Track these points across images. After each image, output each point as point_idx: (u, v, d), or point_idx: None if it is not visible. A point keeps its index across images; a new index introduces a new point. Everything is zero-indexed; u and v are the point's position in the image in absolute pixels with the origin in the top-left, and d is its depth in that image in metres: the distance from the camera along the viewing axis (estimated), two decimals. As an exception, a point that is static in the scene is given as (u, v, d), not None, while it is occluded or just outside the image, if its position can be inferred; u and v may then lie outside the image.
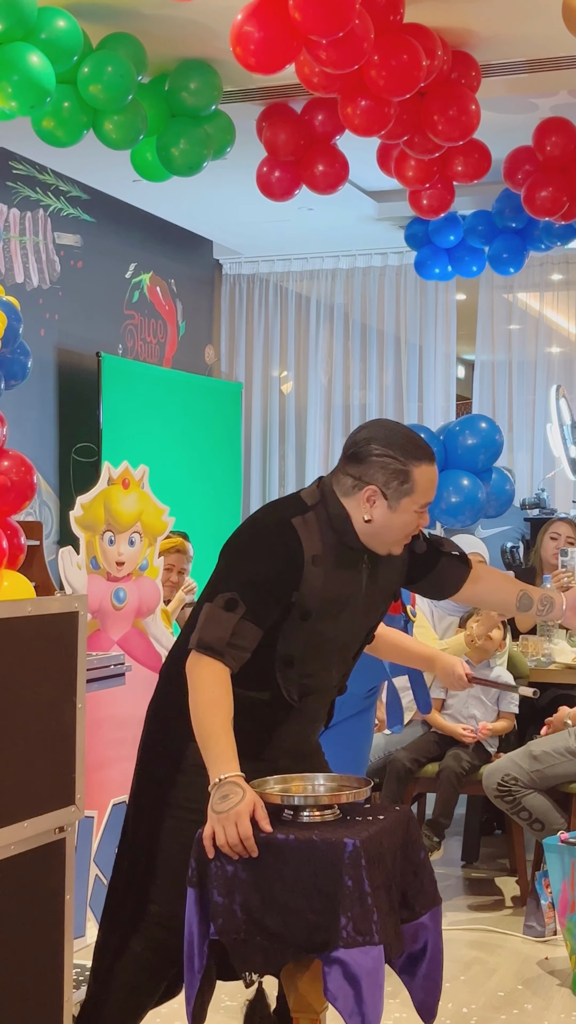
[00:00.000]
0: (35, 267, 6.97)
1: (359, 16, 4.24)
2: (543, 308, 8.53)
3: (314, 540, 2.79)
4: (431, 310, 8.66)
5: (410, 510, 2.80)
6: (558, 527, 5.85)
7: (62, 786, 2.36)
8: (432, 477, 2.83)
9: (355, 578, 2.87)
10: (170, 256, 8.37)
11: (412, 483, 2.78)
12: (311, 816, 2.76)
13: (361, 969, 2.58)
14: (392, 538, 2.83)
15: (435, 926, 2.88)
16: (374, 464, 2.78)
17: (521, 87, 5.68)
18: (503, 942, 4.43)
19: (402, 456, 2.78)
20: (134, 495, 4.58)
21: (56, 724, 2.34)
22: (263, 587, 2.75)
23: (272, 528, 2.80)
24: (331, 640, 2.88)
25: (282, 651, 2.82)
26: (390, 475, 2.77)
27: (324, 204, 7.00)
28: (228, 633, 2.72)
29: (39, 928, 2.33)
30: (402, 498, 2.78)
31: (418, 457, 2.80)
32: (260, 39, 4.27)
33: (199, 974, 2.74)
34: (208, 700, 2.70)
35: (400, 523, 2.81)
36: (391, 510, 2.79)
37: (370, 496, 2.79)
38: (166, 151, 5.31)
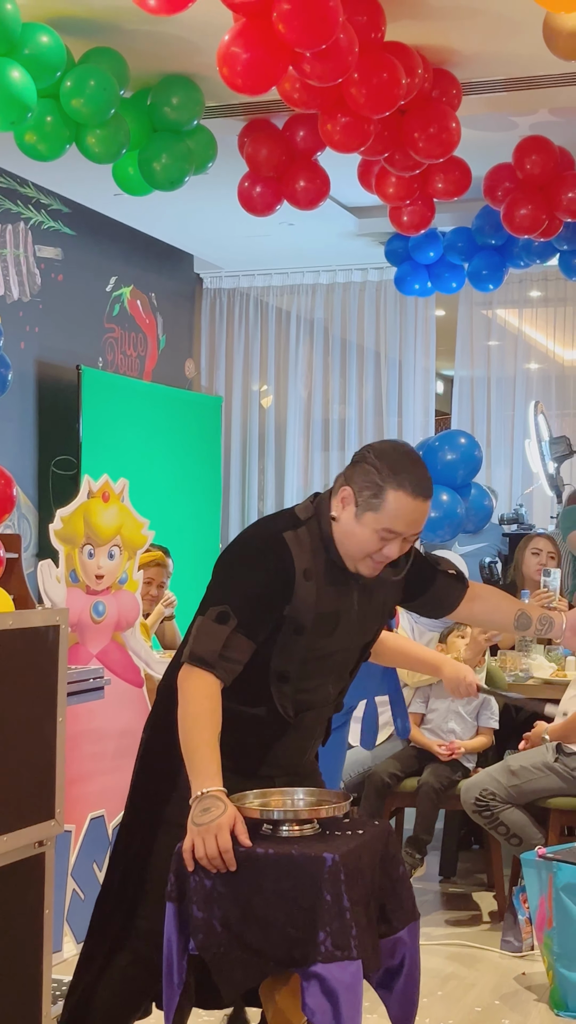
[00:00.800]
0: (15, 280, 6.97)
1: (343, 29, 4.26)
2: (522, 325, 8.57)
3: (305, 555, 2.79)
4: (411, 326, 8.69)
5: (371, 528, 2.76)
6: (538, 543, 5.87)
7: (42, 800, 2.35)
8: (408, 509, 2.77)
9: (347, 594, 2.87)
10: (151, 270, 8.38)
11: (382, 501, 2.75)
12: (290, 831, 2.76)
13: (339, 984, 2.58)
14: (353, 550, 2.80)
15: (413, 941, 2.89)
16: (361, 469, 2.79)
17: (501, 105, 5.71)
18: (481, 957, 4.43)
19: (386, 473, 2.77)
20: (114, 508, 4.58)
21: (36, 737, 2.34)
22: (255, 600, 2.75)
23: (264, 542, 2.80)
24: (327, 656, 2.88)
25: (276, 666, 2.82)
26: (366, 484, 2.77)
27: (305, 219, 7.03)
28: (220, 645, 2.72)
29: (18, 942, 2.32)
30: (367, 511, 2.76)
31: (401, 484, 2.76)
32: (247, 60, 4.27)
33: (178, 988, 2.74)
34: (196, 713, 2.70)
35: (360, 536, 2.78)
36: (355, 519, 2.77)
37: (344, 496, 2.80)
38: (148, 165, 5.32)
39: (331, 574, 2.83)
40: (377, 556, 2.80)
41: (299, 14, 4.10)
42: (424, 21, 4.80)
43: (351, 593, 2.88)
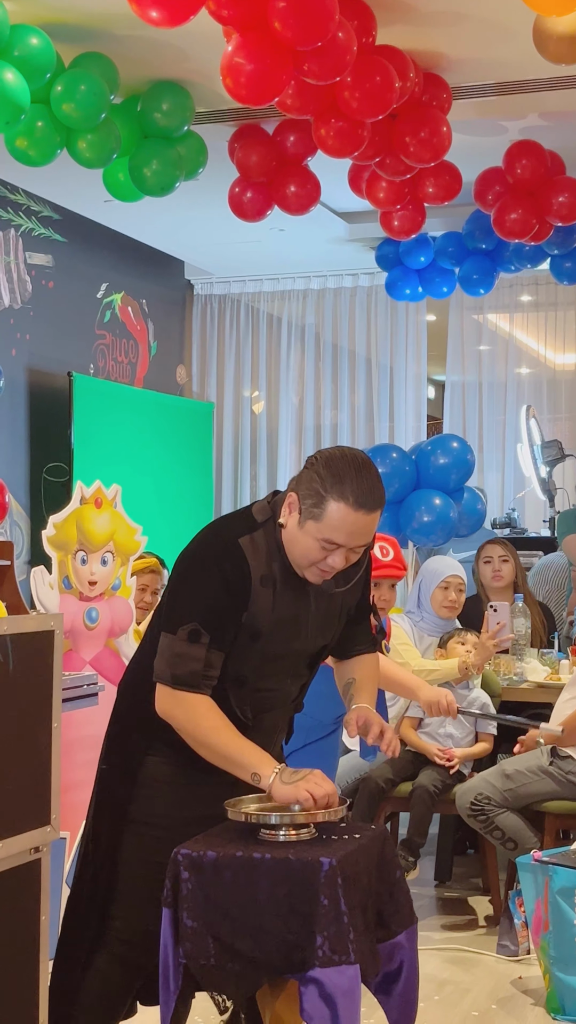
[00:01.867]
0: (6, 287, 6.96)
1: (340, 27, 4.26)
2: (513, 329, 8.58)
3: (261, 561, 2.76)
4: (402, 331, 8.70)
5: (313, 537, 2.71)
6: (488, 550, 5.82)
7: (38, 806, 2.35)
8: (349, 521, 2.69)
9: (304, 597, 2.84)
10: (142, 276, 8.38)
11: (323, 511, 2.69)
12: (287, 835, 2.75)
13: (337, 989, 2.57)
14: (297, 557, 2.76)
15: (411, 945, 2.88)
16: (306, 475, 2.75)
17: (491, 110, 5.72)
18: (477, 961, 4.43)
19: (329, 482, 2.70)
20: (107, 515, 4.57)
21: (32, 744, 2.33)
22: (220, 612, 2.74)
23: (220, 550, 2.77)
24: (282, 658, 2.86)
25: (232, 671, 2.80)
26: (309, 492, 2.72)
27: (295, 225, 7.03)
28: (202, 666, 2.72)
29: (15, 948, 2.32)
30: (309, 520, 2.71)
31: (343, 495, 2.68)
32: (251, 71, 4.26)
33: (174, 995, 2.73)
34: (212, 726, 2.72)
35: (303, 544, 2.73)
36: (299, 526, 2.73)
37: (290, 502, 2.76)
38: (138, 171, 5.32)
39: (288, 578, 2.80)
40: (322, 565, 2.75)
41: (295, 12, 4.10)
42: (415, 26, 4.81)
43: (308, 596, 2.85)
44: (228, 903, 2.67)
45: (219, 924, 2.67)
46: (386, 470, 5.81)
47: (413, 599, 5.33)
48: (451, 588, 5.20)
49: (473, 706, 5.07)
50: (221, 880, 2.67)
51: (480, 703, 5.08)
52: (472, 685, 5.11)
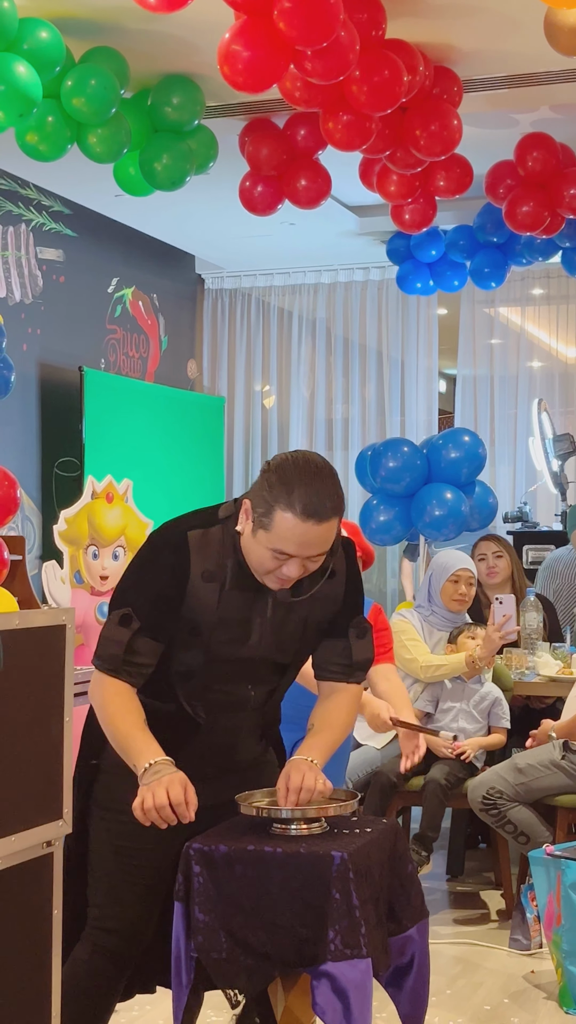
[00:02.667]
0: (17, 282, 6.97)
1: (344, 27, 4.25)
2: (524, 323, 8.56)
3: (209, 555, 2.73)
4: (413, 325, 8.68)
5: (264, 546, 2.65)
6: (482, 547, 5.80)
7: (49, 800, 2.35)
8: (296, 532, 2.61)
9: (260, 600, 2.78)
10: (152, 271, 8.38)
11: (271, 521, 2.63)
12: (298, 829, 2.76)
13: (349, 982, 2.58)
14: (254, 565, 2.71)
15: (422, 939, 2.88)
16: (259, 483, 2.70)
17: (502, 102, 5.71)
18: (489, 956, 4.43)
19: (277, 491, 2.63)
20: (118, 509, 4.58)
21: (44, 738, 2.33)
22: (156, 600, 2.72)
23: (165, 541, 2.77)
24: (236, 660, 2.80)
25: (177, 664, 2.78)
26: (259, 500, 2.67)
27: (306, 219, 7.02)
28: (122, 650, 2.71)
29: (27, 942, 2.32)
30: (259, 529, 2.66)
31: (290, 504, 2.61)
32: (248, 58, 4.27)
33: (186, 989, 2.74)
34: (115, 711, 2.71)
35: (256, 553, 2.68)
36: (252, 535, 2.68)
37: (245, 509, 2.72)
38: (149, 166, 5.31)
39: (240, 578, 2.75)
40: (278, 574, 2.69)
41: (300, 12, 4.10)
42: (425, 19, 4.79)
43: (265, 600, 2.78)
44: (240, 897, 2.67)
45: (231, 918, 2.68)
46: (397, 464, 5.80)
47: (423, 593, 5.33)
48: (461, 581, 5.19)
49: (485, 700, 5.06)
50: (233, 874, 2.68)
51: (493, 697, 5.08)
52: (483, 680, 5.11)
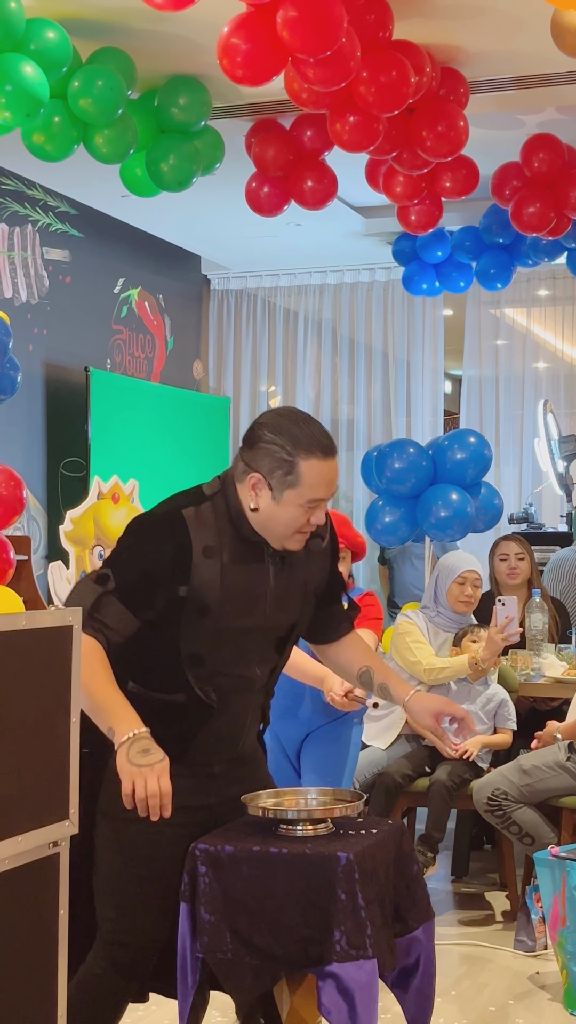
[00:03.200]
0: (23, 282, 6.97)
1: (346, 35, 4.26)
2: (530, 324, 8.57)
3: (207, 532, 2.70)
4: (419, 325, 8.69)
5: (295, 503, 2.67)
6: (504, 547, 5.80)
7: (56, 800, 2.35)
8: (324, 472, 2.68)
9: (261, 571, 2.77)
10: (158, 271, 8.38)
11: (297, 475, 2.65)
12: (304, 830, 2.76)
13: (355, 983, 2.58)
14: (280, 532, 2.71)
15: (428, 940, 2.88)
16: (262, 451, 2.69)
17: (509, 103, 5.71)
18: (494, 957, 4.42)
19: (290, 446, 2.66)
20: (124, 510, 4.59)
21: (50, 738, 2.33)
22: (140, 573, 2.67)
23: (161, 519, 2.71)
24: (242, 635, 2.78)
25: (187, 649, 2.73)
26: (275, 464, 2.67)
27: (312, 220, 7.03)
28: (89, 604, 2.65)
29: (33, 942, 2.32)
30: (286, 490, 2.66)
31: (308, 449, 2.66)
32: (247, 51, 4.28)
33: (192, 990, 2.74)
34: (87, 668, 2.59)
35: (286, 517, 2.68)
36: (275, 501, 2.67)
37: (255, 484, 2.69)
38: (155, 166, 5.32)
39: (240, 551, 2.73)
40: (305, 528, 2.71)
41: (303, 21, 4.10)
42: (432, 20, 4.80)
43: (266, 571, 2.78)
44: (246, 897, 2.68)
45: (237, 918, 2.68)
46: (403, 465, 5.80)
47: (429, 594, 5.33)
48: (467, 583, 5.19)
49: (491, 702, 5.06)
50: (239, 874, 2.68)
51: (499, 699, 5.07)
52: (490, 681, 5.11)
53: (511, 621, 4.91)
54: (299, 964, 2.67)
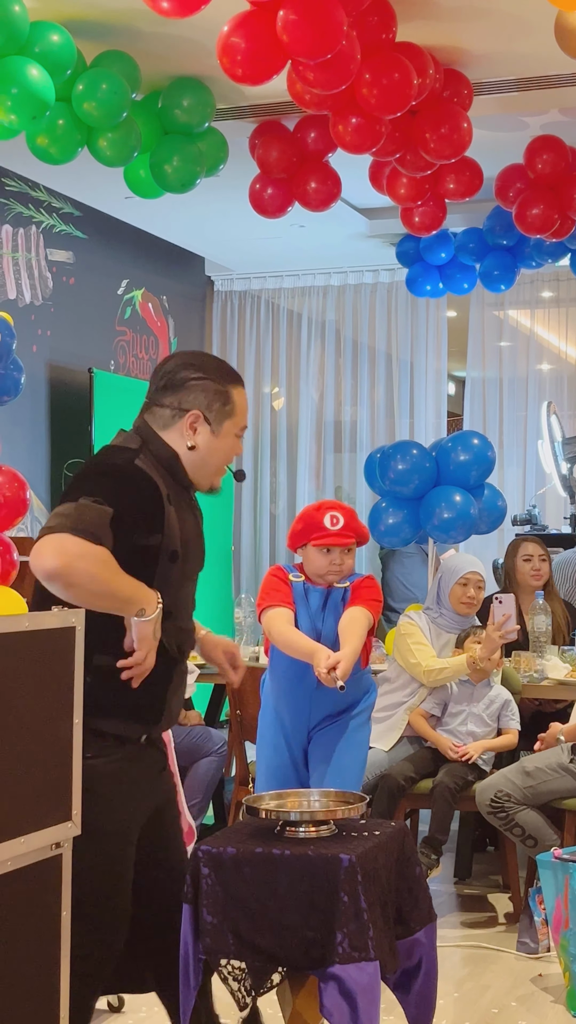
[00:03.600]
0: (27, 283, 6.98)
1: (346, 37, 4.25)
2: (534, 325, 8.56)
3: (159, 480, 2.75)
4: (422, 327, 8.69)
5: (231, 434, 2.81)
6: (529, 548, 5.79)
7: (59, 802, 2.35)
8: (246, 400, 2.86)
9: (194, 517, 2.87)
10: (162, 273, 8.39)
11: (233, 405, 2.80)
12: (306, 831, 2.76)
13: (357, 985, 2.58)
14: (216, 466, 2.82)
15: (430, 942, 2.89)
16: (193, 389, 2.77)
17: (512, 105, 5.71)
18: (496, 959, 4.42)
19: (220, 378, 2.79)
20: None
21: (53, 739, 2.34)
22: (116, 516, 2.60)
23: (131, 469, 2.69)
24: (190, 582, 2.87)
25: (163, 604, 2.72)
26: (212, 397, 2.78)
27: (316, 221, 7.03)
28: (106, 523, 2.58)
29: (35, 944, 2.33)
30: (224, 420, 2.79)
31: (234, 379, 2.82)
32: (246, 50, 4.28)
33: (194, 991, 2.74)
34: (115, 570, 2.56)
35: (224, 448, 2.81)
36: (214, 435, 2.79)
37: (193, 422, 2.77)
38: (159, 168, 5.32)
39: (179, 497, 2.80)
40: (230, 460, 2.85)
41: (303, 25, 4.10)
42: (435, 21, 4.80)
43: (196, 515, 2.88)
44: (248, 899, 2.68)
45: (239, 920, 2.68)
46: (406, 467, 5.80)
47: (432, 595, 5.33)
48: (470, 584, 5.19)
49: (494, 703, 5.06)
50: (241, 876, 2.68)
51: (502, 700, 5.07)
52: (492, 683, 5.11)
53: (508, 619, 4.91)
54: (301, 966, 2.67)
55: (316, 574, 4.19)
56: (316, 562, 4.18)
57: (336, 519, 4.19)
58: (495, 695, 5.07)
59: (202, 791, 5.47)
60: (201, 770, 5.48)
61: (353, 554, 4.24)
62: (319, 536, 4.15)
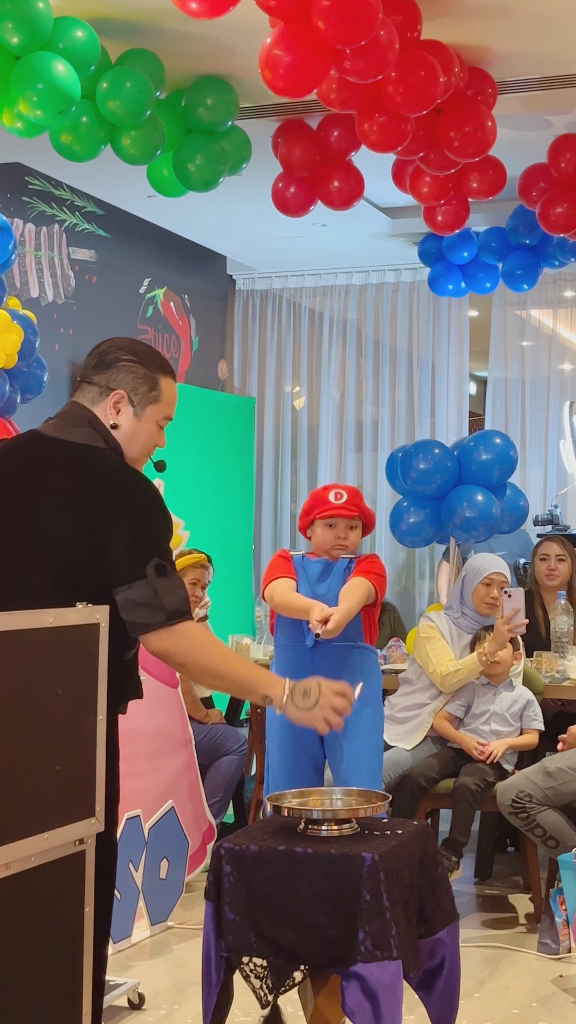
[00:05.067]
0: (50, 282, 6.99)
1: (383, 25, 4.24)
2: (556, 325, 8.54)
3: None
4: (444, 326, 8.67)
5: (153, 419, 2.81)
6: (546, 547, 5.81)
7: (82, 798, 2.35)
8: (174, 393, 2.86)
9: None
10: (184, 272, 8.40)
11: (159, 391, 2.80)
12: (329, 830, 2.76)
13: (379, 984, 2.58)
14: (138, 450, 2.82)
15: (453, 942, 2.88)
16: (122, 370, 2.80)
17: (536, 104, 5.69)
18: (517, 959, 4.41)
19: (149, 364, 2.81)
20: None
21: (77, 736, 2.34)
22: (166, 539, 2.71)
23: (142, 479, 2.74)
24: None
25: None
26: (139, 380, 2.80)
27: (338, 220, 7.02)
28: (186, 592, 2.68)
29: (59, 939, 2.33)
30: (148, 405, 2.80)
31: (164, 369, 2.83)
32: (289, 63, 4.26)
33: (216, 989, 2.74)
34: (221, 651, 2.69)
35: (145, 432, 2.81)
36: (137, 418, 2.79)
37: (116, 401, 2.79)
38: (182, 167, 5.32)
39: None
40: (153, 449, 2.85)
41: (338, 10, 4.09)
42: (460, 20, 4.79)
43: None
44: (270, 897, 2.68)
45: (261, 918, 2.68)
46: (428, 466, 5.78)
47: (455, 595, 5.32)
48: (493, 585, 5.18)
49: (517, 704, 5.05)
50: (263, 874, 2.68)
51: (524, 700, 5.06)
52: (514, 684, 5.09)
53: (517, 613, 4.92)
54: (323, 964, 2.67)
55: (322, 550, 4.37)
56: (322, 537, 4.36)
57: (340, 495, 4.38)
58: (517, 695, 5.06)
59: (222, 789, 5.48)
60: (222, 768, 5.48)
61: (359, 531, 4.40)
62: (323, 509, 4.35)
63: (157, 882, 4.55)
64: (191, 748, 5.00)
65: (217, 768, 5.47)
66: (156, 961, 4.34)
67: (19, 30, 4.45)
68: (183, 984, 4.06)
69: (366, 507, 4.46)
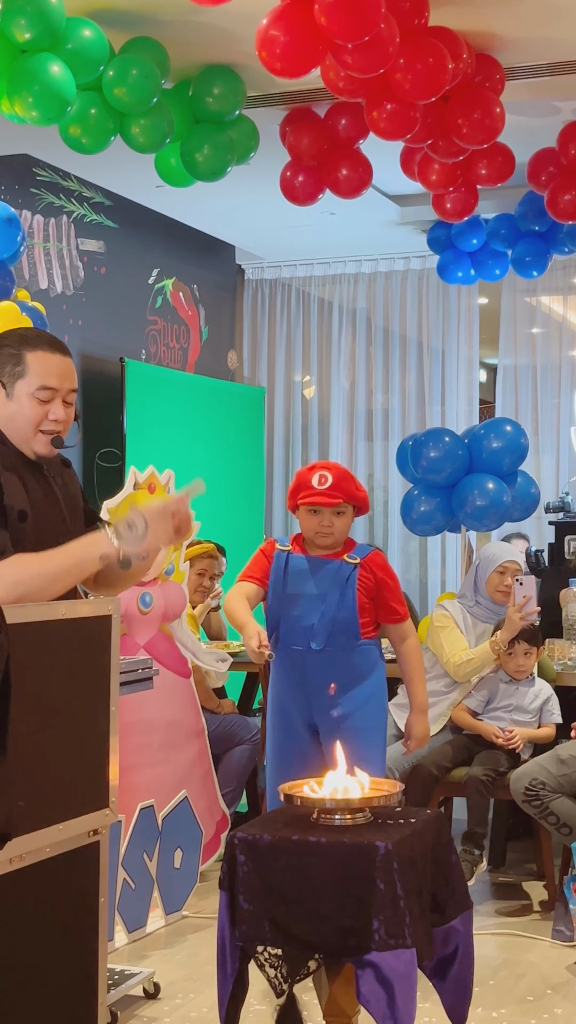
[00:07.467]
0: (59, 273, 6.99)
1: (384, 20, 4.24)
2: (566, 311, 8.51)
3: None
4: (453, 314, 8.65)
5: (27, 394, 2.79)
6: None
7: (96, 789, 2.36)
8: (52, 363, 2.82)
9: (46, 482, 2.87)
10: (193, 261, 8.39)
11: (24, 366, 2.79)
12: (342, 819, 2.76)
13: (394, 972, 2.58)
14: (24, 430, 2.81)
15: (466, 930, 2.88)
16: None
17: (545, 90, 5.67)
18: (531, 947, 4.42)
19: (16, 343, 2.82)
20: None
21: (90, 727, 2.35)
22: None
23: None
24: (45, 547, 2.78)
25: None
26: (4, 361, 2.81)
27: (347, 208, 7.00)
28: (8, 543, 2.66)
29: (73, 930, 2.34)
30: (16, 382, 2.80)
31: (34, 344, 2.82)
32: (285, 43, 4.27)
33: (231, 978, 2.75)
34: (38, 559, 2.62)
35: (22, 410, 2.80)
36: (9, 398, 2.80)
37: None
38: (190, 156, 5.31)
39: (24, 465, 2.82)
40: (46, 425, 2.82)
41: (341, 6, 4.08)
42: (467, 6, 4.77)
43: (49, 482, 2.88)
44: (284, 886, 2.68)
45: (275, 907, 2.69)
46: (439, 454, 5.78)
47: (469, 584, 5.31)
48: (508, 573, 5.17)
49: (537, 698, 5.05)
50: (277, 863, 2.68)
51: (545, 695, 5.06)
52: (535, 679, 5.09)
53: (529, 600, 4.90)
54: (338, 953, 2.67)
55: (307, 537, 4.05)
56: (306, 523, 4.02)
57: (324, 478, 3.99)
58: (538, 690, 5.06)
59: (235, 779, 5.49)
60: (235, 758, 5.49)
61: (348, 516, 4.04)
62: (305, 495, 3.99)
63: (171, 872, 4.56)
64: (204, 738, 5.01)
65: (230, 758, 5.48)
66: (171, 950, 4.35)
67: (32, 26, 4.44)
68: (198, 973, 4.07)
69: (355, 490, 4.05)
